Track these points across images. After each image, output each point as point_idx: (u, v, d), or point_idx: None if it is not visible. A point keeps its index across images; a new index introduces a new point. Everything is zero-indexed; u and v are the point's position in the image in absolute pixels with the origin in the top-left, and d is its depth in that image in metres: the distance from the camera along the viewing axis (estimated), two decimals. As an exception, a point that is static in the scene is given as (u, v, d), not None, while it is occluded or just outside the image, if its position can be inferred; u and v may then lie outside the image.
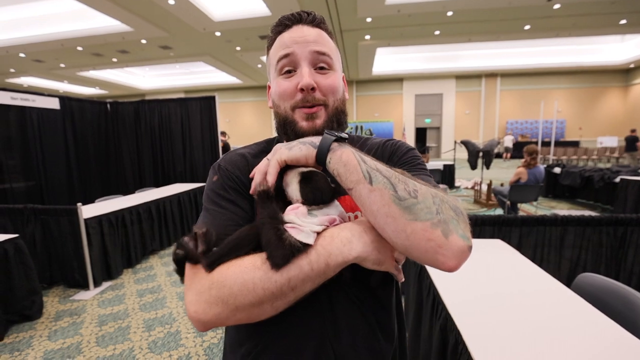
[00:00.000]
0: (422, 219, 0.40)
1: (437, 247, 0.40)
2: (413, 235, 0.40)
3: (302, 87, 0.54)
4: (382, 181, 0.43)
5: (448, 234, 0.40)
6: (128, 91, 15.54)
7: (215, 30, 8.18)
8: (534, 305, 1.14)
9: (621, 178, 4.65)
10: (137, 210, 3.38)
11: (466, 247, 0.41)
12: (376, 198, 0.42)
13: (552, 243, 1.99)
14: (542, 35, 9.79)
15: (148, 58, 10.82)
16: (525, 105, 14.65)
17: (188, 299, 0.45)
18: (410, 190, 0.42)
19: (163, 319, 2.38)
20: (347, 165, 0.45)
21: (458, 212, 0.43)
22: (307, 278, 0.44)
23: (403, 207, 0.41)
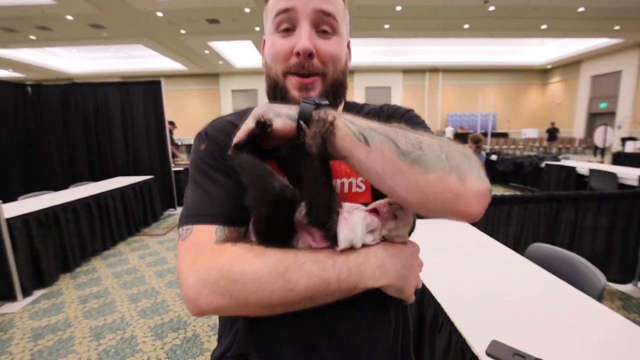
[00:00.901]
0: (434, 170, 0.37)
1: (455, 196, 0.37)
2: (427, 188, 0.37)
3: (298, 51, 0.48)
4: (379, 139, 0.38)
5: (464, 178, 0.37)
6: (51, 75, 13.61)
7: (156, 10, 7.48)
8: (497, 271, 1.25)
9: (546, 163, 5.31)
10: (73, 207, 3.00)
11: (486, 188, 0.38)
12: (377, 158, 0.38)
13: (501, 221, 2.19)
14: (479, 34, 10.62)
15: (76, 37, 9.54)
16: (464, 100, 15.90)
17: (188, 281, 0.40)
18: (413, 142, 0.38)
19: (114, 325, 2.15)
20: (336, 131, 0.39)
21: (468, 156, 0.40)
22: (331, 294, 0.41)
23: (410, 161, 0.37)
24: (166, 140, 4.72)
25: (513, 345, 0.79)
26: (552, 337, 0.85)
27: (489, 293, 1.09)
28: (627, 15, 8.41)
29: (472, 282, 1.17)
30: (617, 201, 2.23)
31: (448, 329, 0.97)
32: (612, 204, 2.22)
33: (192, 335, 2.03)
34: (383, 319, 0.52)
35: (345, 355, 0.48)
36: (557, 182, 4.91)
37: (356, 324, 0.49)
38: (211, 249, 0.42)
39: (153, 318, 2.22)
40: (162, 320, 2.19)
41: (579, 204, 2.19)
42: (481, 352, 0.79)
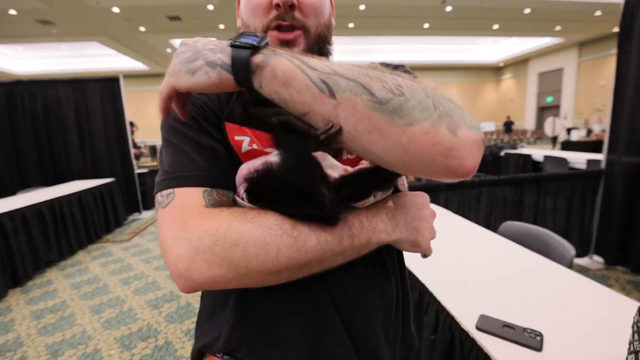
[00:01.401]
0: (419, 120, 0.30)
1: (447, 150, 0.30)
2: (412, 144, 0.30)
3: (278, 2, 0.44)
4: (347, 87, 0.31)
5: (456, 128, 0.31)
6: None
7: (112, 6, 7.03)
8: (476, 249, 1.29)
9: (505, 152, 5.66)
10: (22, 214, 2.71)
11: (480, 139, 0.33)
12: (347, 113, 0.31)
13: (471, 205, 2.27)
14: (439, 33, 11.07)
15: (21, 35, 8.73)
16: (428, 97, 16.60)
17: (176, 252, 0.33)
18: (391, 87, 0.31)
19: (74, 340, 1.97)
20: (290, 82, 0.31)
21: (455, 100, 0.34)
22: (343, 252, 0.37)
23: (389, 112, 0.30)
24: (127, 141, 4.44)
25: (501, 318, 0.80)
26: (536, 306, 0.88)
27: (471, 271, 1.11)
28: (566, 17, 9.18)
29: (453, 262, 1.18)
30: (573, 182, 2.39)
31: (435, 309, 0.97)
32: (569, 184, 2.39)
33: (164, 343, 1.90)
34: (385, 288, 0.49)
35: (348, 324, 0.44)
36: (516, 168, 5.24)
37: (360, 293, 0.46)
38: (201, 213, 0.36)
39: (119, 328, 2.06)
40: (130, 330, 2.04)
41: (541, 185, 2.34)
42: (471, 327, 0.79)
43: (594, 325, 0.78)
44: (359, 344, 0.45)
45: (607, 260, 2.39)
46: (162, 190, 0.39)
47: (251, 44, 0.32)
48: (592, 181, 2.41)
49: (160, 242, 0.36)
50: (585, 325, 0.78)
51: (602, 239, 2.39)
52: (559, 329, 0.76)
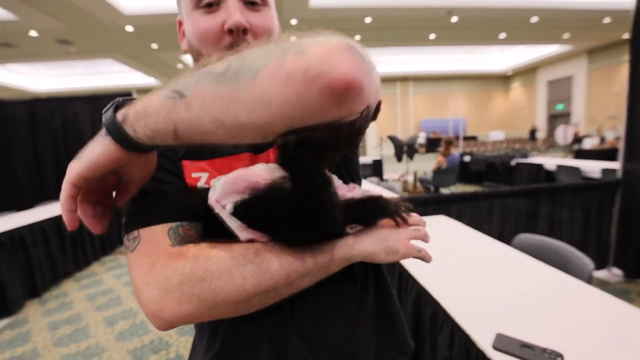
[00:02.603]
0: (262, 65, 0.26)
1: (304, 78, 0.25)
2: (270, 92, 0.25)
3: (230, 28, 0.42)
4: (193, 81, 0.28)
5: (303, 51, 0.26)
6: (14, 94, 12.86)
7: (125, 24, 7.31)
8: (490, 263, 1.26)
9: (516, 162, 5.58)
10: (40, 227, 2.79)
11: (336, 45, 0.26)
12: (199, 103, 0.27)
13: (484, 217, 2.25)
14: (445, 43, 11.14)
15: (41, 54, 9.11)
16: (435, 106, 16.55)
17: (147, 295, 0.34)
18: (230, 58, 0.28)
19: (88, 352, 1.99)
20: (148, 109, 0.29)
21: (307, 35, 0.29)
22: (308, 272, 0.37)
23: (229, 77, 0.26)
24: (141, 154, 4.55)
25: (518, 337, 0.78)
26: (554, 324, 0.86)
27: (485, 286, 1.09)
28: (575, 24, 9.14)
29: (467, 277, 1.17)
30: (589, 192, 2.35)
31: (449, 327, 0.95)
32: (585, 194, 2.35)
33: (175, 356, 1.91)
34: (354, 294, 0.49)
35: (314, 342, 0.44)
36: (529, 178, 5.15)
37: (326, 307, 0.45)
38: (167, 253, 0.36)
39: (132, 341, 2.07)
40: (142, 342, 2.06)
41: (556, 196, 2.30)
42: (487, 347, 0.77)
43: (617, 344, 0.76)
44: (334, 352, 0.45)
45: (627, 273, 2.33)
46: (128, 233, 0.39)
47: (112, 103, 0.32)
48: (609, 191, 2.37)
49: (133, 287, 0.37)
50: (606, 344, 0.76)
51: (622, 251, 2.33)
52: (580, 348, 0.74)
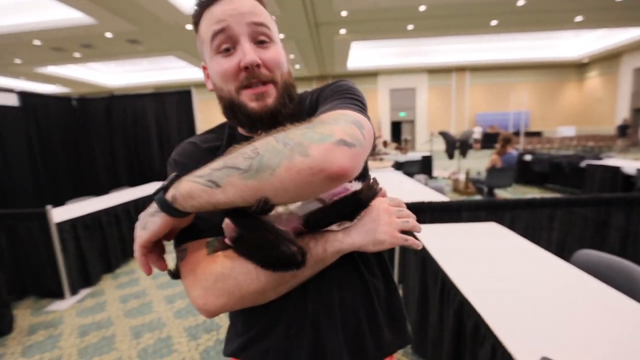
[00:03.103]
0: (277, 164, 0.36)
1: (311, 173, 0.36)
2: (286, 183, 0.36)
3: (246, 65, 0.50)
4: (223, 174, 0.38)
5: (307, 151, 0.36)
6: (93, 89, 14.61)
7: (186, 24, 7.83)
8: (544, 281, 1.17)
9: (587, 163, 4.96)
10: (114, 211, 3.17)
11: (331, 144, 0.36)
12: (232, 191, 0.38)
13: (543, 224, 2.07)
14: (508, 30, 10.21)
15: (114, 53, 10.19)
16: (494, 98, 15.31)
17: (194, 294, 0.46)
18: (249, 154, 0.38)
19: (151, 325, 2.25)
20: (192, 195, 0.40)
21: (314, 124, 0.39)
22: (307, 265, 0.45)
23: (255, 173, 0.37)
24: (197, 147, 4.91)
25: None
26: (610, 354, 0.79)
27: (534, 304, 1.03)
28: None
29: (514, 292, 1.11)
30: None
31: (491, 343, 0.92)
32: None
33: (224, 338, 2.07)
34: (360, 283, 0.56)
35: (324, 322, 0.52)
36: (602, 183, 4.58)
37: (340, 290, 0.53)
38: (205, 260, 0.47)
39: (188, 319, 2.29)
40: (196, 321, 2.26)
41: (633, 207, 2.03)
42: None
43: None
44: (346, 333, 0.53)
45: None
46: (178, 246, 0.51)
47: (161, 188, 0.42)
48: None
49: (185, 288, 0.48)
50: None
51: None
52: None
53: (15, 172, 4.02)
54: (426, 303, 1.59)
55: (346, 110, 0.46)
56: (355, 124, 0.42)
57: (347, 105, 0.48)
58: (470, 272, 1.28)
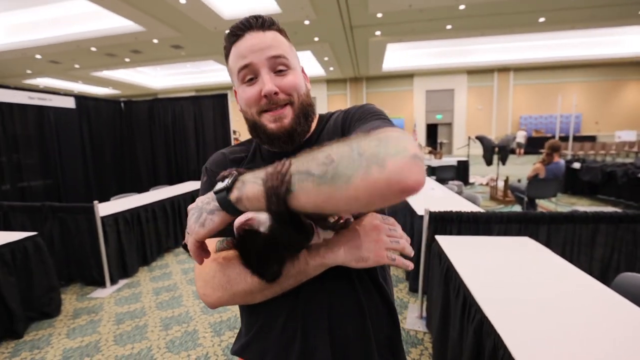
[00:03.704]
0: (353, 174, 0.36)
1: (387, 185, 0.36)
2: (361, 193, 0.37)
3: (265, 94, 0.57)
4: (296, 179, 0.39)
5: (384, 163, 0.36)
6: (140, 91, 15.73)
7: (225, 29, 8.13)
8: (576, 306, 1.07)
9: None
10: (152, 208, 3.39)
11: (407, 159, 0.36)
12: (305, 197, 0.39)
13: (583, 241, 1.90)
14: (558, 27, 9.49)
15: (160, 58, 10.89)
16: (540, 100, 14.30)
17: (198, 284, 0.55)
18: (323, 160, 0.38)
19: (180, 318, 2.37)
20: (258, 197, 0.41)
21: (382, 138, 0.39)
22: (289, 274, 0.51)
23: (329, 181, 0.37)
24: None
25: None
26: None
27: (562, 330, 0.95)
28: None
29: (541, 315, 1.03)
30: None
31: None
32: None
33: (247, 335, 2.13)
34: (351, 298, 0.58)
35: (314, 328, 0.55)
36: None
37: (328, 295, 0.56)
38: (211, 257, 0.53)
39: (213, 315, 2.39)
40: (221, 318, 2.35)
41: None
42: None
43: None
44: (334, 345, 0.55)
45: None
46: None
47: (224, 188, 0.44)
48: None
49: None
50: None
51: None
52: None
53: (70, 170, 4.43)
54: (447, 318, 1.53)
55: (394, 128, 0.47)
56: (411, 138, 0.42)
57: (388, 125, 0.51)
58: (495, 290, 1.21)
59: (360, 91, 15.63)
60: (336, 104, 15.96)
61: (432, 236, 1.90)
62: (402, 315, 2.26)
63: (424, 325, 2.11)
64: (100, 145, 4.88)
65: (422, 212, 2.12)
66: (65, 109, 4.40)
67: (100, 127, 4.88)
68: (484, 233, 1.95)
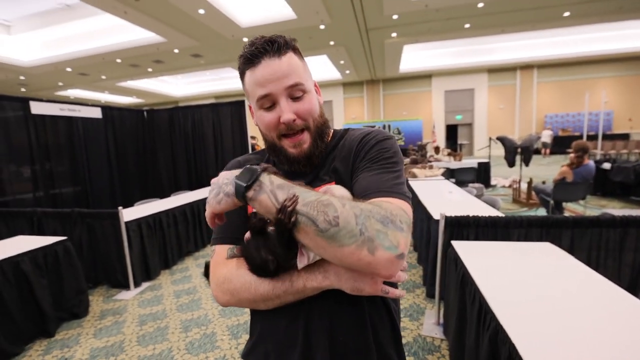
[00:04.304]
0: (347, 244, 0.44)
1: (367, 264, 0.45)
2: (344, 258, 0.45)
3: (284, 122, 0.60)
4: (302, 221, 0.46)
5: (374, 250, 0.44)
6: (162, 99, 16.32)
7: (243, 37, 8.36)
8: (599, 318, 1.02)
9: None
10: (173, 213, 3.50)
11: (394, 257, 0.45)
12: (303, 235, 0.46)
13: (610, 247, 1.81)
14: (584, 21, 9.09)
15: (180, 67, 11.28)
16: (566, 97, 13.70)
17: (212, 287, 0.61)
18: (330, 219, 0.45)
19: (199, 321, 2.43)
20: (269, 211, 0.48)
21: (387, 222, 0.46)
22: (288, 291, 0.54)
23: (327, 237, 0.45)
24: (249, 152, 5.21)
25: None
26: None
27: (582, 342, 0.91)
28: None
29: (559, 325, 0.99)
30: None
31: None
32: None
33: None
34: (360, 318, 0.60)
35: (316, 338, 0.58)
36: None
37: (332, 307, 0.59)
38: (223, 263, 0.61)
39: (231, 318, 2.43)
40: (238, 321, 2.39)
41: None
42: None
43: None
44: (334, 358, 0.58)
45: None
46: (211, 246, 0.67)
47: (245, 184, 0.49)
48: None
49: None
50: None
51: None
52: None
53: (96, 177, 4.66)
54: (464, 324, 1.49)
55: (404, 203, 0.54)
56: (409, 228, 0.49)
57: (400, 190, 0.56)
58: (511, 297, 1.17)
59: (377, 93, 15.52)
60: (353, 107, 15.92)
61: (448, 241, 1.86)
62: (418, 322, 2.23)
63: (441, 332, 2.06)
64: (125, 152, 5.10)
65: (438, 217, 2.09)
66: (92, 119, 4.64)
67: (125, 136, 5.10)
68: (503, 238, 1.89)
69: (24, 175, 3.97)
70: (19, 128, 3.86)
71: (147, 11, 6.59)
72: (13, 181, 3.82)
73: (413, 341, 2.03)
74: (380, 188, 0.56)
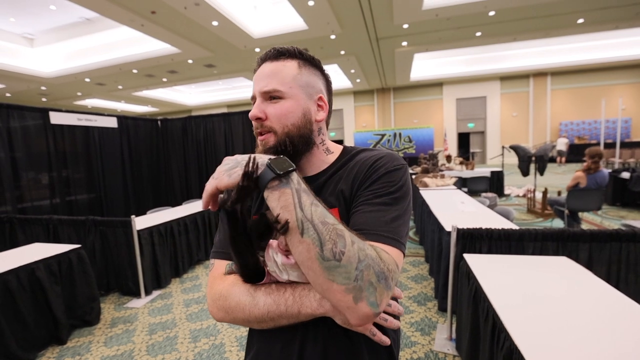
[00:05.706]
0: (339, 282, 0.44)
1: (346, 308, 0.46)
2: (327, 291, 0.46)
3: (250, 117, 0.62)
4: (312, 236, 0.45)
5: (358, 300, 0.45)
6: (176, 108, 16.69)
7: (255, 47, 8.51)
8: (619, 338, 0.98)
9: None
10: (184, 221, 3.54)
11: (371, 313, 0.46)
12: (303, 250, 0.46)
13: (631, 261, 1.73)
14: (599, 28, 8.94)
15: (194, 77, 11.54)
16: (581, 105, 13.41)
17: (208, 301, 0.61)
18: (336, 252, 0.45)
19: (208, 331, 2.42)
20: (285, 208, 0.47)
21: (381, 278, 0.46)
22: (283, 316, 0.54)
23: (324, 267, 0.45)
24: (258, 161, 5.26)
25: None
26: None
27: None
28: None
29: (576, 345, 0.95)
30: None
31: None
32: None
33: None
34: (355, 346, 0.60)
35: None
36: None
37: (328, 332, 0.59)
38: (220, 278, 0.61)
39: (239, 329, 2.42)
40: (247, 332, 2.37)
41: None
42: None
43: None
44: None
45: None
46: (210, 259, 0.67)
47: (278, 173, 0.48)
48: None
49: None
50: None
51: None
52: None
53: (111, 184, 4.76)
54: (477, 342, 1.45)
55: (399, 254, 0.53)
56: (394, 286, 0.50)
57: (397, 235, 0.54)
58: (526, 315, 1.13)
59: (387, 101, 15.52)
60: (364, 115, 15.94)
61: (460, 254, 1.82)
62: (430, 336, 2.17)
63: (453, 348, 2.00)
64: (139, 160, 5.21)
65: (449, 228, 2.05)
66: (108, 128, 4.77)
67: (139, 144, 5.22)
68: (517, 252, 1.84)
69: (42, 182, 4.09)
70: (39, 137, 3.99)
71: (162, 24, 6.80)
72: (32, 188, 3.93)
73: (425, 357, 1.97)
74: (378, 231, 0.54)
